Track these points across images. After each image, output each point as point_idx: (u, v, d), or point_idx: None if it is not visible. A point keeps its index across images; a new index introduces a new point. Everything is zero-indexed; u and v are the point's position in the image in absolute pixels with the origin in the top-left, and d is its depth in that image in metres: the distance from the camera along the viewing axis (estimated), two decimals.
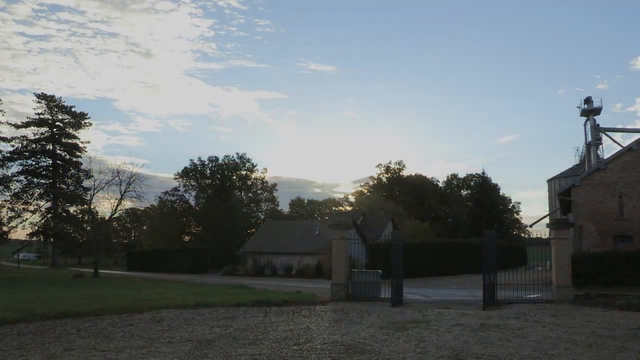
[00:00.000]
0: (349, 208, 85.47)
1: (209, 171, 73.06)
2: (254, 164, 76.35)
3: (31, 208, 62.45)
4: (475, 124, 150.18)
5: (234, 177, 74.10)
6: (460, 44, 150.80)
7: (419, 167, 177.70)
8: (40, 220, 62.83)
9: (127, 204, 49.30)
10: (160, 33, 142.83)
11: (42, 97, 63.14)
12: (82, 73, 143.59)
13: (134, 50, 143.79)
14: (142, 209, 65.31)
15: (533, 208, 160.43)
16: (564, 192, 26.68)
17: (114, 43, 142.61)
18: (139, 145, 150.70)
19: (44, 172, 63.98)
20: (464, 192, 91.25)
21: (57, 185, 63.63)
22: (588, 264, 21.25)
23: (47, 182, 63.70)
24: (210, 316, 13.11)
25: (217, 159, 73.49)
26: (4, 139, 60.85)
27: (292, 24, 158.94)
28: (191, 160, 72.68)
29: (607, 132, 36.39)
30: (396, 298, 16.27)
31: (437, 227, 72.61)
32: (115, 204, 41.83)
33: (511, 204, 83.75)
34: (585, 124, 37.48)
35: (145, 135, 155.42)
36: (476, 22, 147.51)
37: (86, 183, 60.91)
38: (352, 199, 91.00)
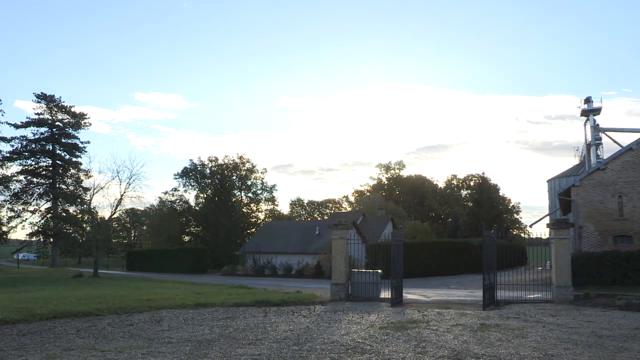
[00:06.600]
0: (348, 208, 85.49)
1: (208, 171, 73.05)
2: (254, 164, 76.47)
3: (31, 208, 62.51)
4: (475, 124, 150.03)
5: (234, 177, 74.09)
6: (460, 44, 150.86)
7: (419, 167, 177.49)
8: (39, 220, 62.83)
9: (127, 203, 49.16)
10: None
11: (41, 97, 62.95)
12: None
13: None
14: (141, 209, 65.33)
15: (533, 208, 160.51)
16: (564, 192, 26.64)
17: None
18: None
19: (44, 172, 63.91)
20: (463, 192, 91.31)
21: (57, 185, 63.55)
22: (588, 264, 21.19)
23: (47, 182, 63.61)
24: (210, 316, 13.10)
25: (217, 159, 73.54)
26: (4, 139, 60.90)
27: None
28: (191, 160, 72.77)
29: (607, 132, 36.33)
30: (396, 298, 16.25)
31: (437, 227, 72.72)
32: (115, 204, 41.84)
33: (511, 204, 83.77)
34: (585, 124, 37.46)
35: None
36: (475, 25, 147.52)
37: (86, 183, 61.04)
38: (352, 199, 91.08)
